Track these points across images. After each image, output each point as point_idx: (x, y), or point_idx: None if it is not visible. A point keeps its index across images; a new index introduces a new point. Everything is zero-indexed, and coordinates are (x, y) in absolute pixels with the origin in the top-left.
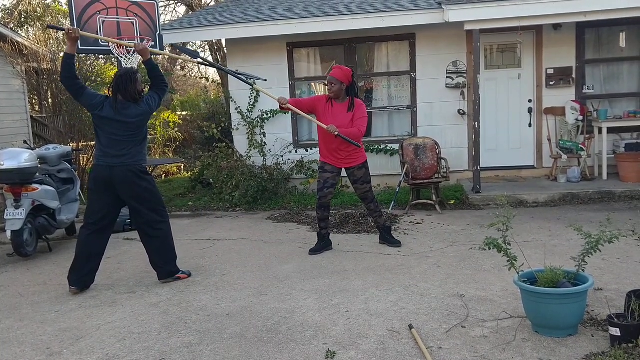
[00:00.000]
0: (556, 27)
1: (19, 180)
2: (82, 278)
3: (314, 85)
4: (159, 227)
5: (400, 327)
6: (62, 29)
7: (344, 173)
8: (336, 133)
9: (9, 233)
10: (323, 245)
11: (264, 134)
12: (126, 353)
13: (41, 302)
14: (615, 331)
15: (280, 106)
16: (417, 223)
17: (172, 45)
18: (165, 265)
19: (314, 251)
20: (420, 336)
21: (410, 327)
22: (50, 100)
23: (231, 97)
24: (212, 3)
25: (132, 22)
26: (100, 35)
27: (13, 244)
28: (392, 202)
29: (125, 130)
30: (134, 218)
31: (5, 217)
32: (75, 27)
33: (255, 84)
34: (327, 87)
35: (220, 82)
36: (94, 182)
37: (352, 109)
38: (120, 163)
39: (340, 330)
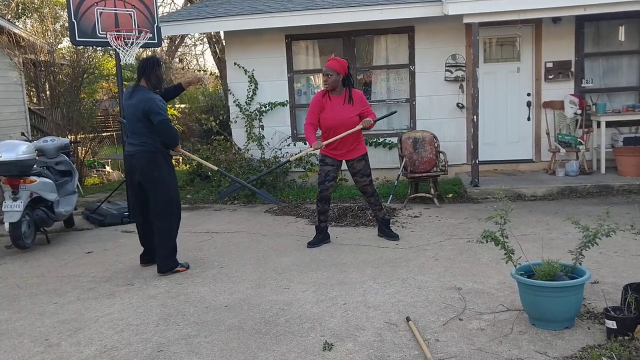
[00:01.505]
0: (555, 20)
1: (16, 172)
2: (141, 256)
3: (312, 78)
4: (162, 218)
5: (398, 320)
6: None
7: (344, 166)
8: (372, 122)
9: (7, 225)
10: (321, 238)
11: (262, 127)
12: (124, 345)
13: (39, 294)
14: (612, 324)
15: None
16: (415, 216)
17: None
18: (165, 259)
19: (312, 244)
20: (417, 328)
21: (408, 319)
22: (48, 92)
23: (229, 90)
24: None
25: (129, 14)
26: (98, 27)
27: (11, 236)
28: (391, 196)
29: (137, 115)
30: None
31: (3, 209)
32: (74, 20)
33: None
34: (323, 79)
35: (218, 74)
36: (126, 171)
37: (351, 101)
38: (136, 151)
39: (337, 323)
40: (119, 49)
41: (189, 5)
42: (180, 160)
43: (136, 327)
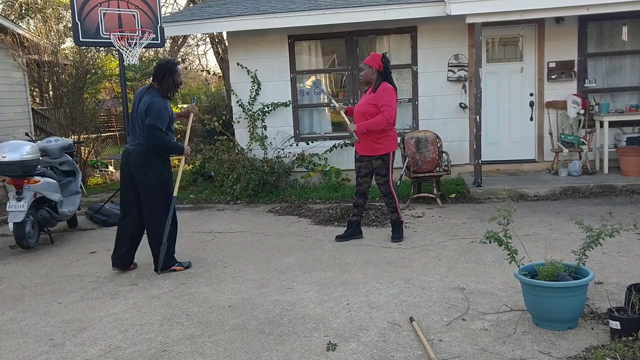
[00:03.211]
0: (558, 20)
1: (20, 172)
2: (117, 259)
3: (315, 78)
4: (149, 221)
5: (401, 320)
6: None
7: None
8: (353, 130)
9: (11, 225)
10: (350, 233)
11: (264, 127)
12: (128, 344)
13: (43, 294)
14: (616, 324)
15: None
16: (418, 216)
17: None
18: (155, 258)
19: (340, 238)
20: (420, 329)
21: (411, 319)
22: (51, 93)
23: (232, 90)
24: None
25: (133, 14)
26: (102, 27)
27: (15, 236)
28: None
29: (139, 117)
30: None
31: (7, 209)
32: (78, 21)
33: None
34: (359, 74)
35: (221, 75)
36: (120, 167)
37: (375, 92)
38: (133, 149)
39: (341, 323)
40: (122, 49)
41: (191, 5)
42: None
43: (140, 327)
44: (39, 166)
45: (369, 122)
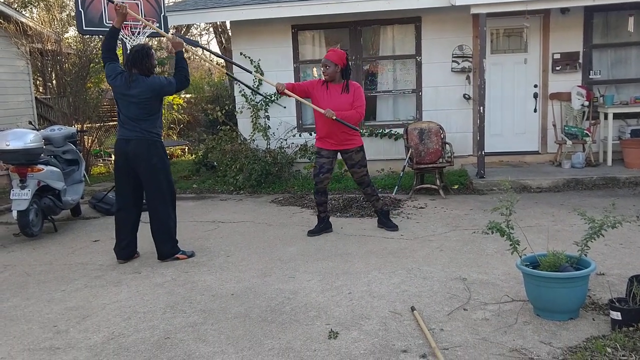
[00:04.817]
0: (564, 11)
1: (24, 160)
2: (121, 250)
3: (315, 70)
4: (158, 208)
5: (403, 309)
6: (112, 1)
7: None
8: (334, 117)
9: (15, 213)
10: (322, 227)
11: (267, 118)
12: (131, 332)
13: (47, 282)
14: (617, 315)
15: (277, 91)
16: (421, 207)
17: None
18: (161, 245)
19: (312, 232)
20: (422, 318)
21: (413, 309)
22: (54, 82)
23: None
24: None
25: (136, 3)
26: (105, 16)
27: (19, 224)
28: (396, 187)
29: (137, 104)
30: (144, 192)
31: (11, 197)
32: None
33: (256, 72)
34: (322, 69)
35: (224, 64)
36: (116, 156)
37: (347, 91)
38: (135, 137)
39: (342, 311)
40: (125, 38)
41: None
42: (186, 150)
43: (143, 314)
44: (42, 154)
45: (347, 114)
